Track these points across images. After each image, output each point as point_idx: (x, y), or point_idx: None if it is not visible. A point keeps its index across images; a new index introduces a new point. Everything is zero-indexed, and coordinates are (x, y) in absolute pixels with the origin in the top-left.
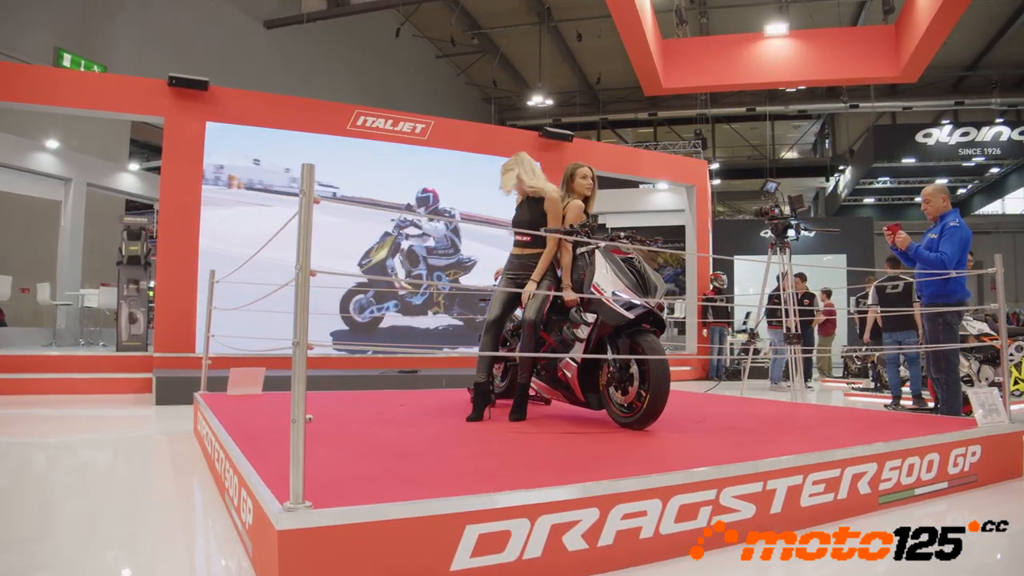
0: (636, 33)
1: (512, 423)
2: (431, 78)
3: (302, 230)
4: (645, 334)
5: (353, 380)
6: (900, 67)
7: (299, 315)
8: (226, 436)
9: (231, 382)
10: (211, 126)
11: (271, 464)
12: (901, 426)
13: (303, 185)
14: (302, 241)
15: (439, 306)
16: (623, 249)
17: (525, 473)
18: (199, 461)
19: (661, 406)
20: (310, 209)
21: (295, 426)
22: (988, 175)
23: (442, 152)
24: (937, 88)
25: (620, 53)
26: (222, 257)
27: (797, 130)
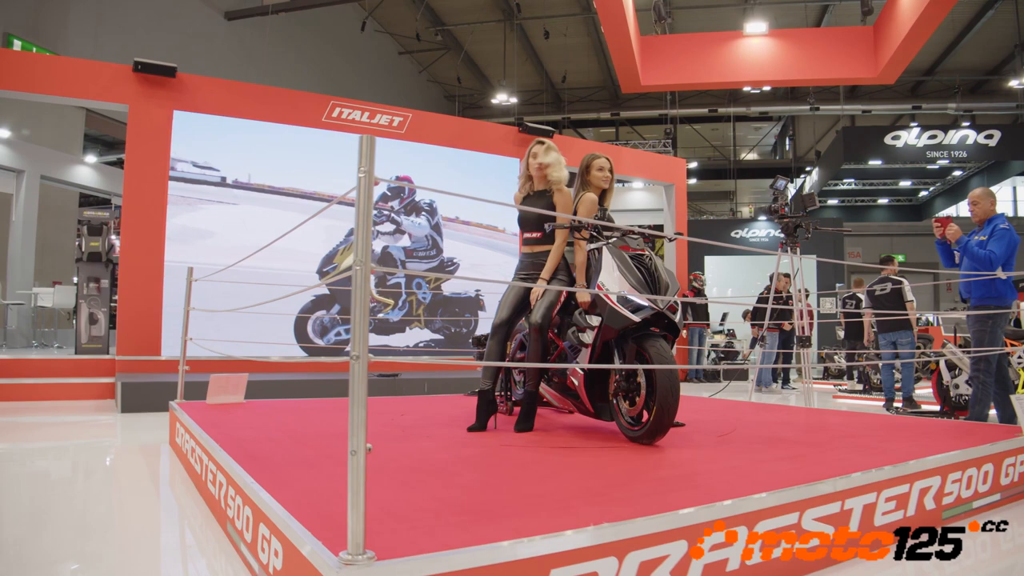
0: (620, 28)
1: (522, 434)
2: (393, 75)
3: (361, 217)
4: (653, 339)
5: (330, 385)
6: (878, 69)
7: (358, 321)
8: (225, 457)
9: (211, 390)
10: (179, 115)
11: (292, 493)
12: (947, 435)
13: (362, 162)
14: (361, 229)
15: (420, 321)
16: (632, 245)
17: (590, 501)
18: (182, 479)
19: (669, 420)
20: (370, 191)
21: (354, 459)
22: (950, 178)
23: (420, 146)
24: (896, 92)
25: (585, 52)
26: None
27: (758, 132)
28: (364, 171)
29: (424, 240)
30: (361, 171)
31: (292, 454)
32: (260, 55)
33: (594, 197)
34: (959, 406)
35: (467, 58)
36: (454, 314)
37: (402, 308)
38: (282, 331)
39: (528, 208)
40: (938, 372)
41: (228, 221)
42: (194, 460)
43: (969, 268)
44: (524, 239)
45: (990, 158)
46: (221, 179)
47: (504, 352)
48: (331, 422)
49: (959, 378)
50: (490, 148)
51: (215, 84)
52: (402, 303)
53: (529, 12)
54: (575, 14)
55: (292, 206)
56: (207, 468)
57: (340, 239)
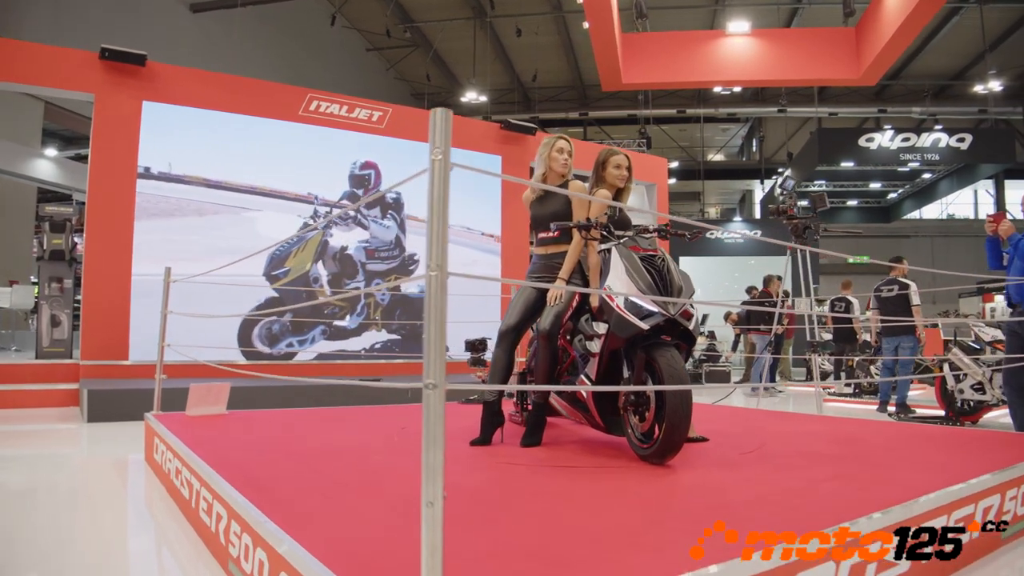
0: (606, 24)
1: (531, 449)
2: (361, 71)
3: (435, 210)
4: (664, 349)
5: (309, 390)
6: (860, 70)
7: (432, 341)
8: (225, 485)
9: (192, 400)
10: (148, 106)
11: (317, 534)
12: (989, 448)
13: (436, 141)
14: (435, 225)
15: (378, 325)
16: (643, 245)
17: (646, 541)
18: (162, 500)
19: (679, 438)
20: (445, 178)
21: (430, 511)
22: (919, 180)
23: (400, 142)
24: (862, 95)
25: (554, 51)
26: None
27: (725, 133)
28: (439, 152)
29: (388, 240)
30: (435, 153)
31: (297, 479)
32: (226, 49)
33: (607, 194)
34: (964, 412)
35: (436, 56)
36: (412, 313)
37: (359, 313)
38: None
39: (550, 188)
40: (941, 377)
41: (195, 221)
42: (180, 483)
43: (1020, 271)
44: (539, 239)
45: (961, 161)
46: (192, 176)
47: (511, 360)
48: (324, 437)
49: (964, 383)
50: (472, 145)
51: (187, 74)
52: (360, 308)
53: (500, 10)
54: (545, 13)
55: (267, 206)
56: (199, 494)
57: (289, 240)
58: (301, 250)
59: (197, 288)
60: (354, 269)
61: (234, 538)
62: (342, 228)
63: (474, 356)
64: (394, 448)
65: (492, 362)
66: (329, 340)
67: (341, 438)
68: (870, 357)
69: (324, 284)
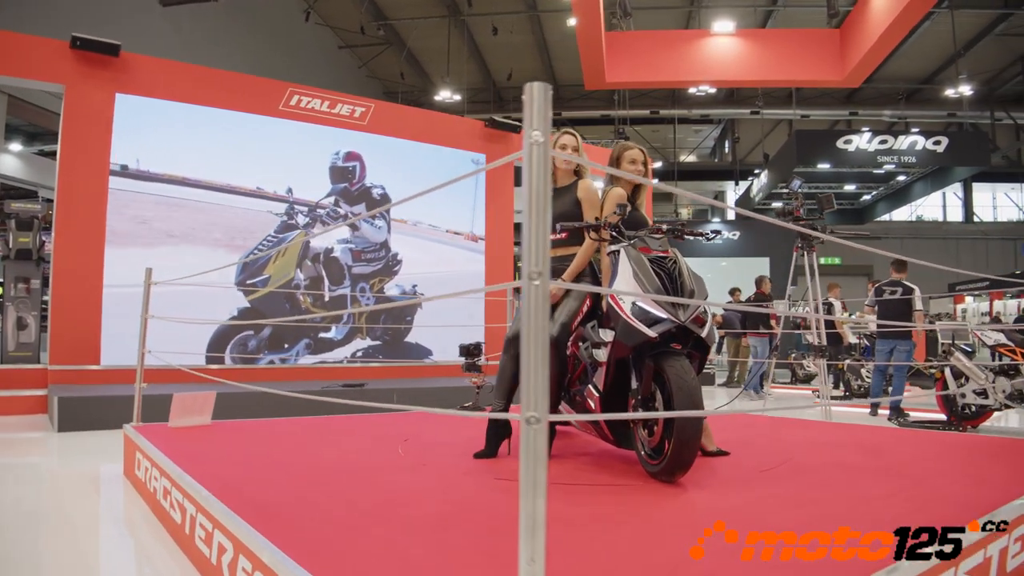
0: (592, 22)
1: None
2: (333, 69)
3: (532, 202)
4: (673, 358)
5: (291, 400)
6: (845, 72)
7: (533, 366)
8: (227, 512)
9: (175, 411)
10: (121, 99)
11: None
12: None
13: (533, 121)
14: (533, 224)
15: (363, 332)
16: (653, 246)
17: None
18: (146, 521)
19: (689, 455)
20: (545, 163)
21: (532, 567)
22: (893, 183)
23: (383, 139)
24: (833, 98)
25: (528, 51)
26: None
27: (697, 134)
28: (538, 134)
29: (373, 240)
30: (534, 134)
31: (307, 504)
32: (196, 44)
33: (622, 192)
34: (966, 416)
35: (409, 54)
36: (396, 316)
37: (346, 323)
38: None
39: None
40: (943, 381)
41: (168, 221)
42: (170, 505)
43: None
44: (550, 241)
45: (937, 164)
46: (167, 174)
47: (519, 368)
48: (323, 451)
49: (966, 387)
50: (456, 143)
51: (163, 66)
52: (347, 318)
53: (475, 8)
54: (520, 12)
55: (244, 204)
56: (194, 520)
57: (266, 242)
58: (282, 254)
59: (164, 294)
60: (340, 273)
61: (243, 575)
62: (330, 229)
63: (469, 361)
64: (402, 464)
65: (499, 370)
66: (314, 354)
67: (342, 453)
68: (859, 360)
69: (319, 288)
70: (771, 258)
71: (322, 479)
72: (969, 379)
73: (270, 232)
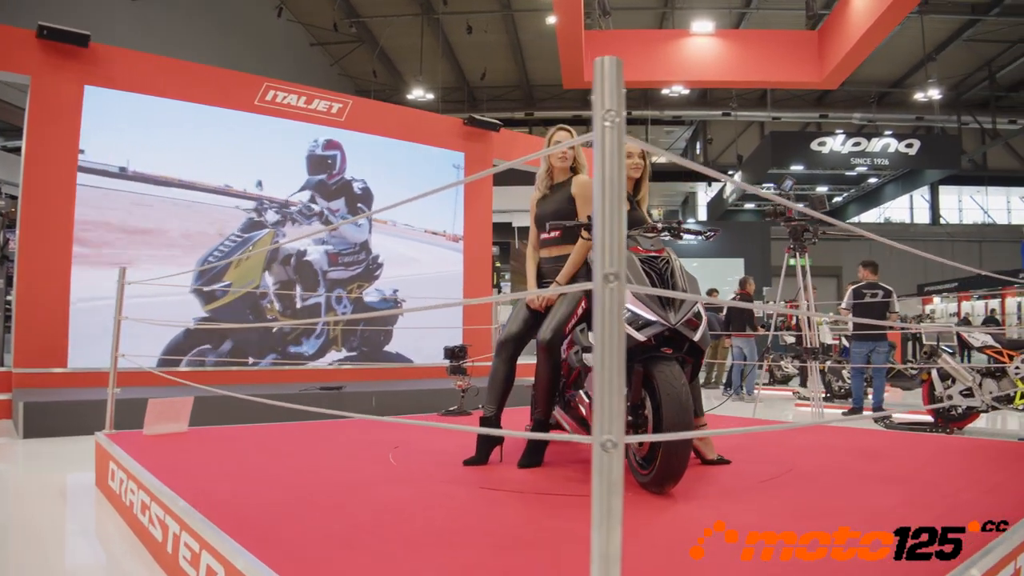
0: (573, 21)
1: (531, 471)
2: (304, 67)
3: (606, 191)
4: (663, 363)
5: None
6: (823, 74)
7: (607, 383)
8: (226, 539)
9: (150, 417)
10: (91, 91)
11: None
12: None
13: (605, 99)
14: (607, 218)
15: (337, 343)
16: (644, 246)
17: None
18: (122, 537)
19: (679, 465)
20: (621, 148)
21: None
22: (864, 185)
23: (360, 136)
24: (804, 100)
25: (502, 50)
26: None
27: (669, 135)
28: (612, 113)
29: (358, 240)
30: (606, 115)
31: (298, 520)
32: (166, 38)
33: None
34: (952, 418)
35: (382, 52)
36: (375, 323)
37: (319, 336)
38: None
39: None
40: (929, 382)
41: (128, 219)
42: (149, 521)
43: None
44: (542, 241)
45: (909, 166)
46: (131, 171)
47: (512, 372)
48: (309, 462)
49: (953, 389)
50: (435, 141)
51: (135, 58)
52: (320, 330)
53: (448, 7)
54: (494, 11)
55: (214, 200)
56: (178, 539)
57: (234, 235)
58: (246, 258)
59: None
60: (314, 280)
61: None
62: (309, 235)
63: (454, 364)
64: (395, 475)
65: (491, 374)
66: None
67: (329, 463)
68: (839, 362)
69: (273, 300)
70: (745, 259)
71: (315, 492)
72: (956, 381)
73: (234, 231)
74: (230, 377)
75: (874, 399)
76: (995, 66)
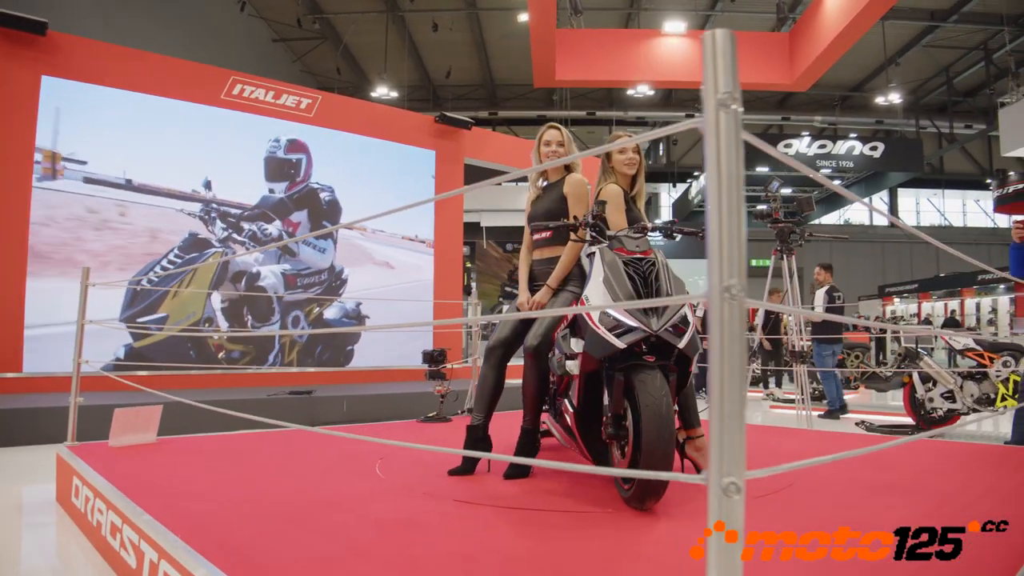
0: (547, 18)
1: (517, 482)
2: (266, 63)
3: (722, 196)
4: (645, 372)
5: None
6: (794, 76)
7: (727, 415)
8: (214, 571)
9: (116, 428)
10: (48, 82)
11: None
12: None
13: (718, 82)
14: (724, 223)
15: (294, 363)
16: (629, 247)
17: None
18: (89, 561)
19: (658, 481)
20: (737, 137)
21: None
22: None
23: (330, 132)
24: (766, 103)
25: (466, 49)
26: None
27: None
28: (726, 95)
29: (321, 266)
30: (719, 96)
31: (293, 545)
32: (122, 29)
33: (617, 189)
34: (933, 420)
35: (345, 50)
36: (336, 346)
37: (272, 364)
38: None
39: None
40: (911, 385)
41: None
42: (120, 545)
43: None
44: (534, 242)
45: (873, 169)
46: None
47: (501, 379)
48: (291, 475)
49: (934, 391)
50: (405, 138)
51: (95, 48)
52: (274, 355)
53: (414, 4)
54: (459, 9)
55: (159, 202)
56: (155, 567)
57: (173, 252)
58: (185, 284)
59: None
60: (267, 307)
61: None
62: (253, 250)
63: (433, 368)
64: (386, 489)
65: (480, 381)
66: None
67: (313, 477)
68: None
69: (219, 318)
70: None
71: (305, 512)
72: (937, 383)
73: (174, 249)
74: (196, 381)
75: (837, 396)
76: (952, 72)
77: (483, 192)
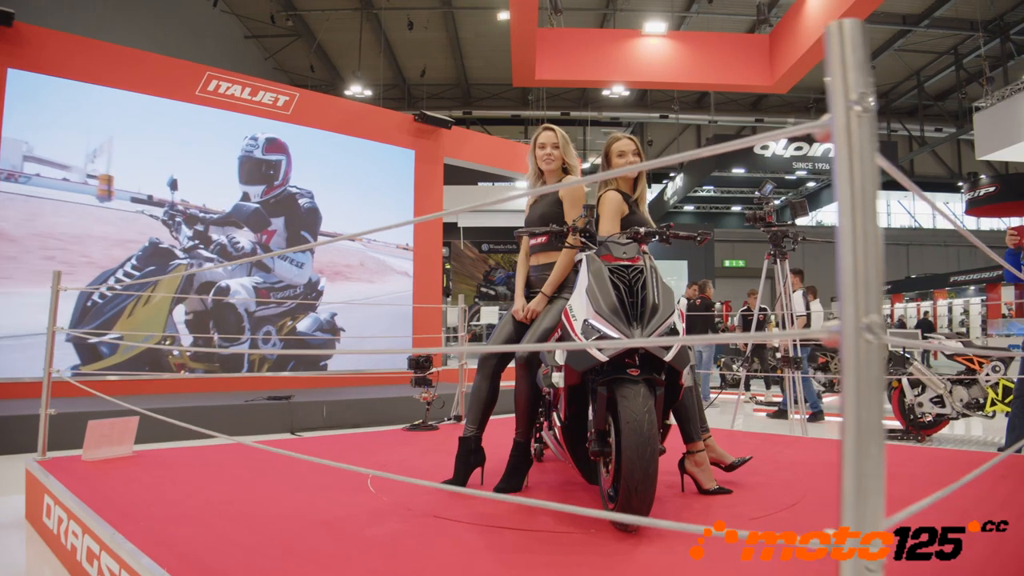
0: (528, 17)
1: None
2: (237, 60)
3: (856, 215)
4: (628, 386)
5: (211, 412)
6: (774, 78)
7: (865, 460)
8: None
9: (90, 441)
10: (14, 75)
11: None
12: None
13: (851, 80)
14: (859, 250)
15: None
16: (616, 253)
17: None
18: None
19: (639, 503)
20: (871, 134)
21: None
22: (802, 188)
23: (308, 131)
24: (739, 105)
25: (440, 48)
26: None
27: (606, 137)
28: (862, 96)
29: (298, 282)
30: (849, 91)
31: (295, 574)
32: (95, 31)
33: (614, 195)
34: (922, 425)
35: (319, 47)
36: (310, 360)
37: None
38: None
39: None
40: (899, 390)
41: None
42: (98, 572)
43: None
44: (531, 247)
45: None
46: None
47: (495, 389)
48: (277, 489)
49: (923, 396)
50: (384, 137)
51: (66, 40)
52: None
53: (388, 2)
54: (434, 8)
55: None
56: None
57: (124, 274)
58: (143, 302)
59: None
60: (236, 322)
61: None
62: (218, 264)
63: (419, 375)
64: (383, 508)
65: (473, 391)
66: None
67: (303, 495)
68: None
69: (181, 334)
70: (688, 260)
71: (299, 535)
72: (926, 388)
73: (131, 259)
74: (171, 385)
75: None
76: (923, 76)
77: (461, 193)
